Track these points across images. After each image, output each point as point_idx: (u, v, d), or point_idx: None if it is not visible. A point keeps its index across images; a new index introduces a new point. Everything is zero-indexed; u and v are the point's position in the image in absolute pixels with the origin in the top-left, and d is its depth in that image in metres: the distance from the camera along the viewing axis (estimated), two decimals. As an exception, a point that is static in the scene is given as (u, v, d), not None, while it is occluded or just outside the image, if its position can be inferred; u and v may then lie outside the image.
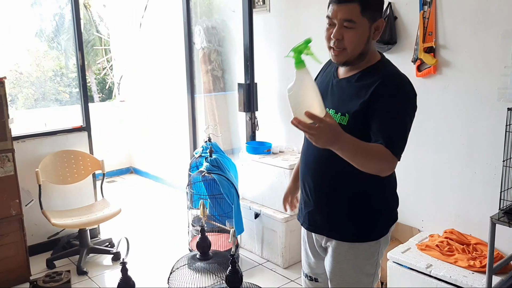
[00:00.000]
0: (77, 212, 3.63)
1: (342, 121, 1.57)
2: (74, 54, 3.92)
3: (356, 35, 1.54)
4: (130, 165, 6.20)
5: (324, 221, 1.72)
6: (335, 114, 1.60)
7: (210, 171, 3.31)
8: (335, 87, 1.67)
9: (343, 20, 1.53)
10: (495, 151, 2.62)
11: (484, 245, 2.68)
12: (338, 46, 1.56)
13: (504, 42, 2.53)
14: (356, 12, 1.51)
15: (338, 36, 1.55)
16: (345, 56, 1.58)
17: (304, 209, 1.81)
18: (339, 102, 1.62)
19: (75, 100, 9.57)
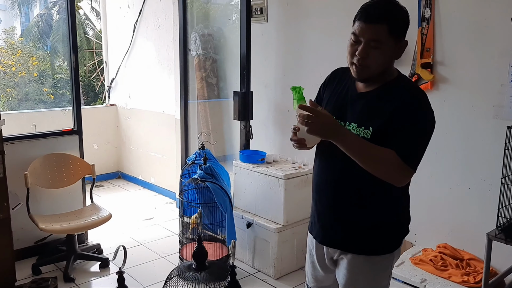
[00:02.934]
0: (66, 217, 3.56)
1: (365, 135, 1.59)
2: (61, 55, 3.87)
3: (381, 55, 1.55)
4: (118, 169, 6.12)
5: (341, 235, 1.72)
6: (358, 128, 1.61)
7: (204, 179, 3.29)
8: (356, 101, 1.67)
9: (370, 40, 1.53)
10: (490, 167, 2.66)
11: (477, 260, 2.71)
12: (362, 63, 1.57)
13: (501, 60, 2.58)
14: (383, 32, 1.51)
15: (363, 54, 1.55)
16: (368, 73, 1.59)
17: (318, 222, 1.80)
18: (361, 116, 1.63)
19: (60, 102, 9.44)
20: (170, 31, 4.77)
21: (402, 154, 1.51)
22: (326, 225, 1.77)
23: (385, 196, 1.66)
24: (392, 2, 1.57)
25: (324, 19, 3.45)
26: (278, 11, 3.77)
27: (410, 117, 1.54)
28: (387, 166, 1.53)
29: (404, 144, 1.53)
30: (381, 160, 1.53)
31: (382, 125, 1.56)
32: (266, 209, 3.44)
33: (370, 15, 1.52)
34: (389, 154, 1.52)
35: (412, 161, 1.55)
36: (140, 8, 5.25)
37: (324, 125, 1.51)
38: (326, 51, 3.44)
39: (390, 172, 1.55)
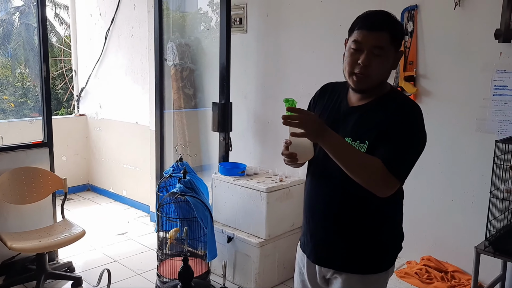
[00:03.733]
0: (36, 234, 3.37)
1: (361, 149, 1.56)
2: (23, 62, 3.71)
3: (383, 63, 1.54)
4: (88, 182, 5.91)
5: (335, 254, 1.68)
6: (353, 142, 1.58)
7: (184, 193, 3.19)
8: (349, 115, 1.64)
9: (373, 47, 1.51)
10: (473, 180, 2.69)
11: (461, 272, 2.72)
12: (364, 72, 1.54)
13: (483, 74, 2.62)
14: (386, 40, 1.51)
15: (366, 62, 1.52)
16: (368, 83, 1.56)
17: (311, 241, 1.75)
18: (355, 130, 1.60)
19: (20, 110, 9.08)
20: (145, 40, 4.66)
21: (388, 163, 1.48)
22: (319, 244, 1.72)
23: (380, 215, 1.64)
24: (388, 13, 1.58)
25: (304, 31, 3.44)
26: (258, 22, 3.74)
27: (403, 130, 1.53)
28: (372, 173, 1.49)
29: (392, 153, 1.50)
30: (367, 166, 1.49)
31: (377, 138, 1.54)
32: (247, 223, 3.37)
33: (372, 23, 1.52)
34: (375, 161, 1.49)
35: (397, 171, 1.51)
36: (113, 16, 5.11)
37: (314, 122, 1.46)
38: (307, 63, 3.42)
39: (374, 180, 1.50)
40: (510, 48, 2.51)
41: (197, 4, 4.78)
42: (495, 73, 2.57)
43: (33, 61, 12.18)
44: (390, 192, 1.55)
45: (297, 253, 1.88)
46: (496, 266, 2.57)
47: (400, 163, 1.52)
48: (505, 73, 2.53)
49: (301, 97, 1.88)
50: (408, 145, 1.54)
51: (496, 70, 2.56)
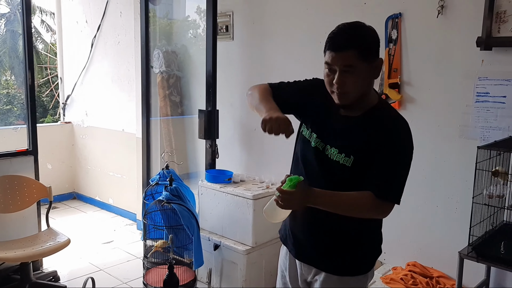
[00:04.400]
0: (20, 243, 3.33)
1: (346, 162, 1.59)
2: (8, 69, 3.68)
3: (357, 79, 1.55)
4: (74, 190, 5.86)
5: (315, 252, 1.72)
6: (339, 154, 1.61)
7: (170, 201, 3.17)
8: (337, 125, 1.66)
9: (343, 66, 1.53)
10: (456, 186, 2.71)
11: (446, 278, 2.74)
12: (341, 91, 1.57)
13: (466, 81, 2.66)
14: (354, 57, 1.51)
15: (339, 82, 1.55)
16: (348, 99, 1.59)
17: (293, 236, 1.79)
18: (343, 143, 1.62)
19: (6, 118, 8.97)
20: (131, 47, 4.65)
21: (380, 193, 1.55)
22: (301, 241, 1.76)
23: (359, 219, 1.64)
24: (357, 25, 1.58)
25: (289, 38, 3.46)
26: (243, 30, 3.76)
27: (391, 151, 1.55)
28: (364, 211, 1.59)
29: (383, 181, 1.56)
30: (357, 208, 1.59)
31: (363, 155, 1.57)
32: (234, 230, 3.36)
33: (337, 44, 1.53)
34: (364, 199, 1.56)
35: (390, 197, 1.58)
36: (99, 23, 5.09)
37: (296, 202, 1.56)
38: (292, 70, 3.44)
39: (368, 214, 1.62)
40: (491, 56, 2.55)
41: (185, 11, 4.79)
42: (477, 80, 2.61)
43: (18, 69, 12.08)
44: (387, 214, 1.62)
45: (280, 256, 1.92)
46: (480, 271, 2.59)
47: (392, 189, 1.57)
48: (487, 80, 2.57)
49: None
50: (398, 167, 1.58)
51: (478, 77, 2.60)
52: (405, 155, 1.59)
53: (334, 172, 1.60)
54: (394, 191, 1.57)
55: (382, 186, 1.55)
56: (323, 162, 1.63)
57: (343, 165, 1.59)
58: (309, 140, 1.70)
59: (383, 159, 1.54)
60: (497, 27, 2.49)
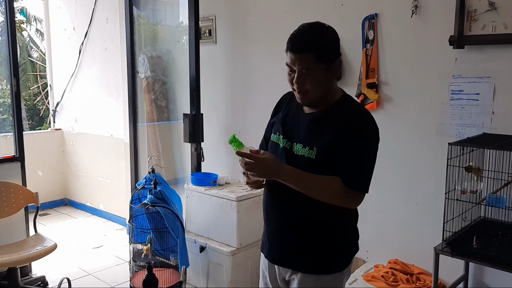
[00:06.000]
0: (7, 249, 3.35)
1: (310, 155, 1.62)
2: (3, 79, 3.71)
3: (316, 80, 1.60)
4: (65, 196, 5.88)
5: (290, 253, 1.73)
6: (303, 148, 1.65)
7: (155, 204, 3.20)
8: (302, 122, 1.71)
9: (301, 67, 1.58)
10: (434, 183, 2.75)
11: (426, 274, 2.77)
12: (301, 90, 1.62)
13: (440, 80, 2.69)
14: (311, 60, 1.56)
15: (299, 82, 1.61)
16: (309, 98, 1.65)
17: (268, 242, 1.81)
18: (306, 137, 1.66)
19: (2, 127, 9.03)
20: (118, 53, 4.69)
21: (348, 180, 1.58)
22: (276, 244, 1.78)
23: (333, 215, 1.68)
24: (316, 27, 1.62)
25: (270, 42, 3.50)
26: (226, 34, 3.80)
27: (353, 140, 1.59)
28: (334, 195, 1.60)
29: (349, 170, 1.59)
30: (327, 190, 1.60)
31: (326, 146, 1.60)
32: (219, 232, 3.39)
33: (295, 46, 1.58)
34: (334, 182, 1.58)
35: (357, 186, 1.61)
36: (86, 30, 5.13)
37: (262, 169, 1.58)
38: (273, 73, 3.48)
39: (338, 200, 1.62)
40: (464, 54, 2.59)
41: (169, 17, 4.83)
42: (451, 78, 2.65)
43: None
44: (357, 204, 1.66)
45: (261, 257, 1.93)
46: (459, 266, 2.62)
47: (358, 177, 1.60)
48: (461, 78, 2.61)
49: (269, 106, 1.96)
50: (363, 156, 1.61)
51: (452, 75, 2.65)
52: (370, 145, 1.63)
53: (301, 167, 1.63)
54: (361, 180, 1.61)
55: (349, 175, 1.58)
56: (290, 159, 1.67)
57: (308, 158, 1.62)
58: (278, 142, 1.75)
59: (348, 149, 1.58)
60: (468, 26, 2.53)
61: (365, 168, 1.62)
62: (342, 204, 1.64)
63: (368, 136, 1.63)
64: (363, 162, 1.62)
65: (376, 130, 1.66)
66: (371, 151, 1.64)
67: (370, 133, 1.64)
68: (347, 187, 1.58)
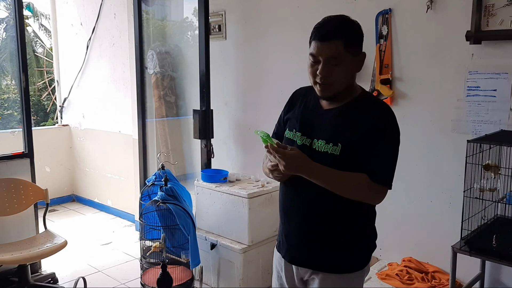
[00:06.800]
0: (17, 245, 3.34)
1: (334, 151, 1.59)
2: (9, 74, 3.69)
3: (342, 71, 1.56)
4: (73, 192, 5.87)
5: (310, 253, 1.70)
6: (326, 144, 1.61)
7: (166, 201, 3.18)
8: (322, 118, 1.67)
9: (327, 56, 1.54)
10: (450, 180, 2.71)
11: (442, 273, 2.74)
12: (325, 82, 1.58)
13: (456, 76, 2.65)
14: (340, 48, 1.53)
15: (324, 73, 1.56)
16: (332, 91, 1.61)
17: (286, 241, 1.77)
18: (329, 133, 1.63)
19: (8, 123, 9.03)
20: (126, 48, 4.66)
21: (374, 175, 1.56)
22: (294, 244, 1.75)
23: (353, 214, 1.66)
24: (343, 18, 1.60)
25: (282, 36, 3.46)
26: (236, 29, 3.76)
27: (379, 135, 1.57)
28: (360, 190, 1.58)
29: (376, 165, 1.57)
30: (353, 186, 1.58)
31: (351, 142, 1.57)
32: (230, 229, 3.37)
33: (324, 34, 1.54)
34: (360, 178, 1.56)
35: (384, 181, 1.59)
36: (94, 25, 5.11)
37: (291, 166, 1.55)
38: (286, 68, 3.44)
39: (363, 195, 1.60)
40: (481, 50, 2.55)
41: (179, 12, 4.79)
42: (467, 74, 2.61)
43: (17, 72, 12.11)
44: (380, 199, 1.63)
45: (274, 256, 1.90)
46: (475, 265, 2.59)
47: (384, 172, 1.58)
48: (477, 74, 2.57)
49: (280, 102, 1.92)
50: (387, 151, 1.60)
51: (468, 71, 2.60)
52: (394, 140, 1.61)
53: (324, 164, 1.59)
54: (386, 175, 1.59)
55: (376, 170, 1.56)
56: (311, 157, 1.62)
57: (331, 155, 1.59)
58: (294, 139, 1.72)
59: (374, 145, 1.55)
60: (485, 21, 2.49)
61: (390, 163, 1.61)
62: (366, 199, 1.62)
63: (393, 132, 1.61)
64: (388, 157, 1.60)
65: (397, 125, 1.64)
66: (395, 146, 1.62)
67: (394, 128, 1.62)
68: (373, 182, 1.56)
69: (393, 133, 1.61)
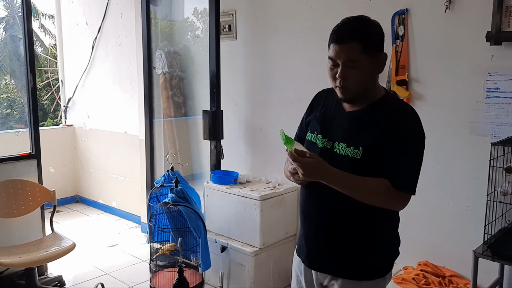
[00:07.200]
0: (25, 248, 3.29)
1: (355, 155, 1.55)
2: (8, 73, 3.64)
3: (361, 73, 1.53)
4: (76, 193, 5.81)
5: (331, 259, 1.67)
6: (347, 147, 1.58)
7: (176, 203, 3.13)
8: (343, 120, 1.64)
9: (346, 60, 1.52)
10: (467, 183, 2.67)
11: (459, 277, 2.70)
12: (344, 85, 1.56)
13: (475, 77, 2.61)
14: (357, 50, 1.50)
15: (343, 76, 1.54)
16: (352, 93, 1.58)
17: (306, 246, 1.74)
18: (350, 136, 1.59)
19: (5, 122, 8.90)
20: (132, 48, 4.61)
21: (396, 182, 1.52)
22: (315, 249, 1.71)
23: (375, 219, 1.62)
24: (361, 19, 1.56)
25: (294, 36, 3.41)
26: (247, 28, 3.71)
27: (401, 139, 1.52)
28: (381, 197, 1.54)
29: (397, 171, 1.53)
30: (374, 193, 1.53)
31: (372, 146, 1.54)
32: (241, 232, 3.32)
33: (341, 36, 1.52)
34: (381, 184, 1.52)
35: (407, 187, 1.55)
36: (100, 25, 5.06)
37: (309, 174, 1.52)
38: (297, 68, 3.40)
39: (384, 202, 1.56)
40: (501, 51, 2.51)
41: (185, 12, 4.75)
42: (487, 75, 2.57)
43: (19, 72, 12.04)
44: (403, 206, 1.59)
45: (294, 260, 1.87)
46: (493, 269, 2.55)
47: (406, 178, 1.54)
48: (497, 76, 2.53)
49: (292, 103, 1.88)
50: (411, 156, 1.55)
51: (488, 72, 2.56)
52: (417, 144, 1.57)
53: (345, 167, 1.56)
54: (409, 181, 1.55)
55: (398, 176, 1.52)
56: (332, 160, 1.59)
57: (353, 158, 1.55)
58: (315, 142, 1.69)
59: (396, 149, 1.51)
60: (507, 22, 2.44)
61: (413, 168, 1.56)
62: (388, 206, 1.58)
63: (416, 135, 1.57)
64: (411, 162, 1.55)
65: (422, 128, 1.60)
66: (419, 150, 1.58)
67: (418, 132, 1.58)
68: (394, 188, 1.51)
69: (417, 137, 1.57)
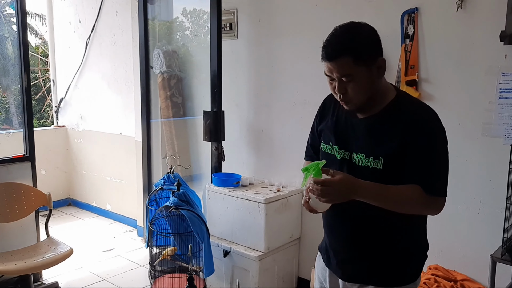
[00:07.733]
0: (20, 254, 3.16)
1: (376, 165, 1.49)
2: None
3: (359, 85, 1.47)
4: (69, 196, 5.67)
5: (360, 269, 1.61)
6: (366, 158, 1.51)
7: (179, 207, 3.03)
8: (358, 128, 1.57)
9: (339, 75, 1.46)
10: (480, 185, 2.62)
11: (470, 281, 2.65)
12: (345, 99, 1.51)
13: (487, 78, 2.56)
14: (349, 64, 1.43)
15: (340, 91, 1.49)
16: (356, 105, 1.52)
17: (335, 257, 1.68)
18: (367, 146, 1.53)
19: (-3, 123, 8.70)
20: (128, 47, 4.50)
21: (428, 188, 1.45)
22: (345, 260, 1.65)
23: (405, 225, 1.57)
24: (349, 28, 1.49)
25: (298, 36, 3.34)
26: (249, 28, 3.63)
27: (423, 141, 1.45)
28: (416, 205, 1.48)
29: (426, 175, 1.46)
30: (408, 202, 1.48)
31: (393, 154, 1.47)
32: (245, 236, 3.23)
33: (329, 52, 1.46)
34: (414, 192, 1.45)
35: (438, 191, 1.49)
36: (93, 23, 4.93)
37: (339, 192, 1.45)
38: (301, 69, 3.32)
39: (420, 209, 1.51)
40: (515, 51, 2.46)
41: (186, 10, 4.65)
42: (500, 76, 2.51)
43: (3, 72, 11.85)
44: (439, 210, 1.54)
45: (317, 266, 1.82)
46: (507, 273, 2.50)
47: (437, 182, 1.49)
48: (511, 76, 2.48)
49: (296, 104, 1.82)
50: (437, 157, 1.49)
51: (501, 73, 2.51)
52: (442, 143, 1.51)
53: (367, 179, 1.49)
54: (440, 184, 1.49)
55: (429, 182, 1.46)
56: (352, 171, 1.53)
57: (374, 169, 1.49)
58: (332, 153, 1.62)
59: (420, 153, 1.45)
60: (521, 21, 2.39)
61: (442, 170, 1.50)
62: (424, 212, 1.54)
63: (438, 134, 1.50)
64: (439, 164, 1.49)
65: (442, 124, 1.52)
66: (444, 149, 1.52)
67: (439, 130, 1.50)
68: (428, 195, 1.45)
69: (439, 135, 1.50)
